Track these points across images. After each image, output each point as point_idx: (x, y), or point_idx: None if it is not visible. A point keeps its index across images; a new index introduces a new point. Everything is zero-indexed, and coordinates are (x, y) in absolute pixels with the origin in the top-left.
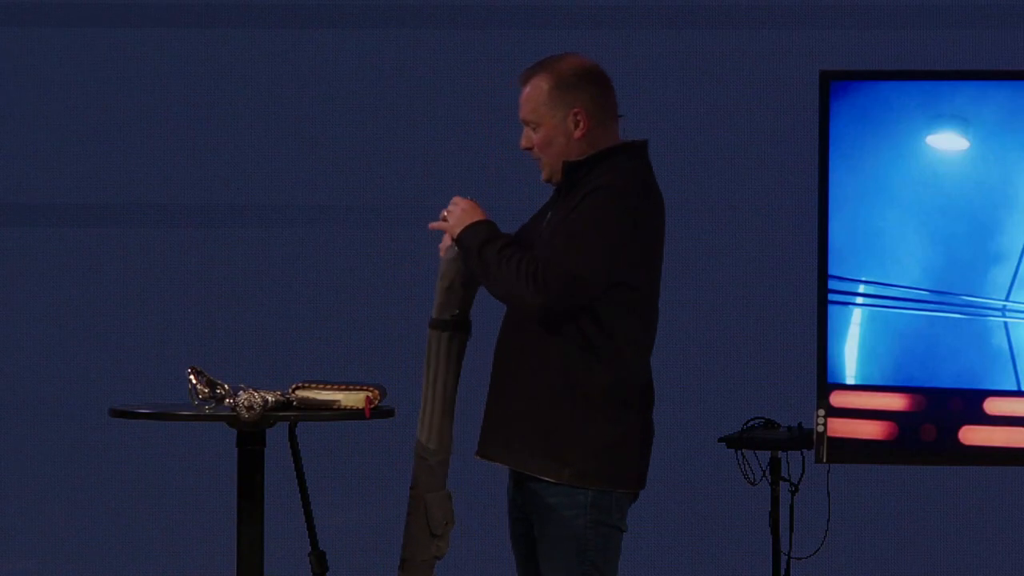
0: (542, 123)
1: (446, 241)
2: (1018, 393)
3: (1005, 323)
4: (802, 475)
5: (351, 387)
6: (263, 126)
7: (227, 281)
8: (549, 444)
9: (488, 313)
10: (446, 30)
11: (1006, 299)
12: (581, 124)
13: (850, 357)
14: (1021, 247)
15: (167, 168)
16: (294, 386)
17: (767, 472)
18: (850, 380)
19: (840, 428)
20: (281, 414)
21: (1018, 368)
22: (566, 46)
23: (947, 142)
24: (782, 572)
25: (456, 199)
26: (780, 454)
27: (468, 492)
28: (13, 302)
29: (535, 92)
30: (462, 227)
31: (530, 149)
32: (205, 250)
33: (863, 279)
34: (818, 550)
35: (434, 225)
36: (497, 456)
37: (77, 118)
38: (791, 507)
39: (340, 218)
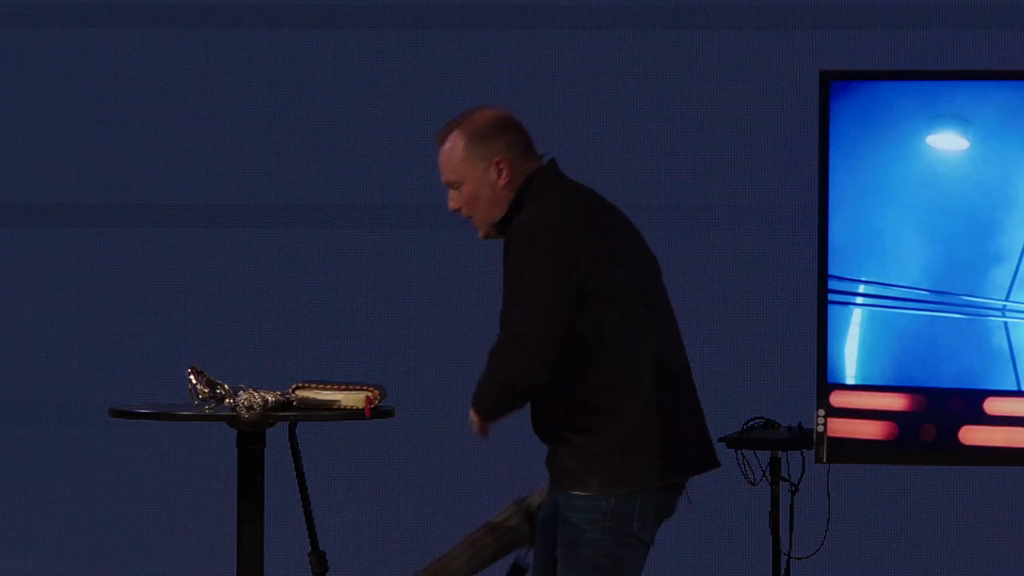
0: (465, 180)
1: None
2: (1018, 393)
3: (1005, 323)
4: (802, 475)
5: (351, 387)
6: (263, 126)
7: (227, 281)
8: (575, 463)
9: None
10: (446, 30)
11: (1006, 299)
12: (504, 172)
13: (850, 357)
14: (1021, 247)
15: (167, 168)
16: (294, 386)
17: (767, 472)
18: (850, 380)
19: (840, 428)
20: (281, 414)
21: (1018, 368)
22: (566, 46)
23: (947, 142)
24: (782, 572)
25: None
26: (780, 454)
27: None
28: (13, 302)
29: (452, 151)
30: (473, 409)
31: (459, 210)
32: (205, 250)
33: (863, 279)
34: (818, 550)
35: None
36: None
37: (77, 118)
38: (791, 507)
39: (340, 218)
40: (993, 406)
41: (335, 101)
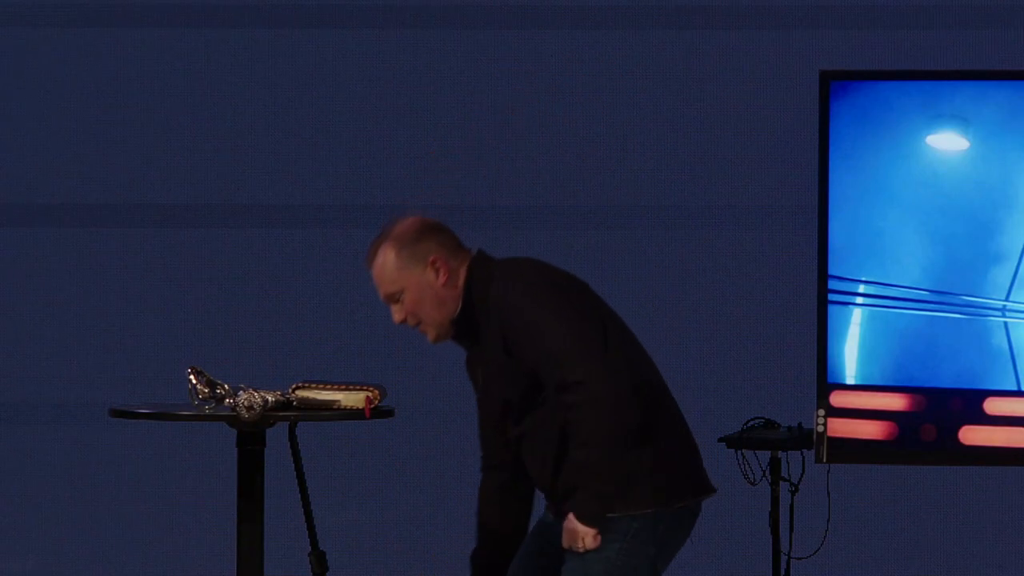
0: (405, 287)
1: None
2: (1018, 393)
3: (1005, 323)
4: (802, 475)
5: (351, 387)
6: (263, 126)
7: (227, 281)
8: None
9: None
10: (446, 30)
11: (1006, 299)
12: (441, 271)
13: (850, 357)
14: (1021, 247)
15: (167, 168)
16: (294, 386)
17: (767, 472)
18: (850, 380)
19: (840, 428)
20: (281, 414)
21: (1018, 368)
22: (566, 46)
23: (947, 142)
24: (782, 572)
25: (570, 536)
26: (780, 454)
27: None
28: (13, 302)
29: (386, 263)
30: (589, 522)
31: (405, 321)
32: (205, 250)
33: (863, 279)
34: (818, 550)
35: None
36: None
37: (77, 118)
38: (791, 507)
39: (340, 218)
40: (993, 406)
41: (335, 101)
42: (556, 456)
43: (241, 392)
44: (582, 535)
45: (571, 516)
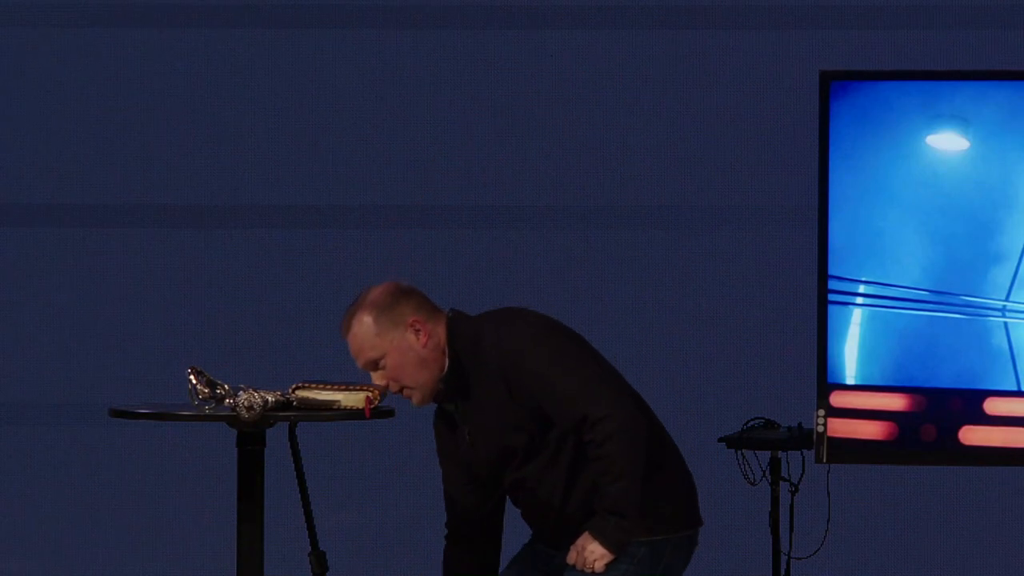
0: (386, 351)
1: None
2: (1018, 393)
3: (1005, 323)
4: (802, 475)
5: (351, 387)
6: (263, 126)
7: (227, 281)
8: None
9: None
10: (446, 30)
11: (1006, 299)
12: (421, 332)
13: (850, 357)
14: (1021, 247)
15: (167, 168)
16: (294, 386)
17: (767, 472)
18: (850, 380)
19: (840, 428)
20: (281, 414)
21: (1018, 368)
22: (566, 46)
23: (947, 142)
24: (782, 572)
25: (580, 552)
26: (780, 454)
27: None
28: (13, 302)
29: (364, 331)
30: (611, 548)
31: (387, 387)
32: (205, 250)
33: (863, 279)
34: (818, 550)
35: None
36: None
37: (77, 118)
38: (791, 507)
39: (340, 219)
40: (993, 406)
41: (335, 101)
42: (563, 498)
43: (241, 392)
44: (597, 557)
45: (589, 535)
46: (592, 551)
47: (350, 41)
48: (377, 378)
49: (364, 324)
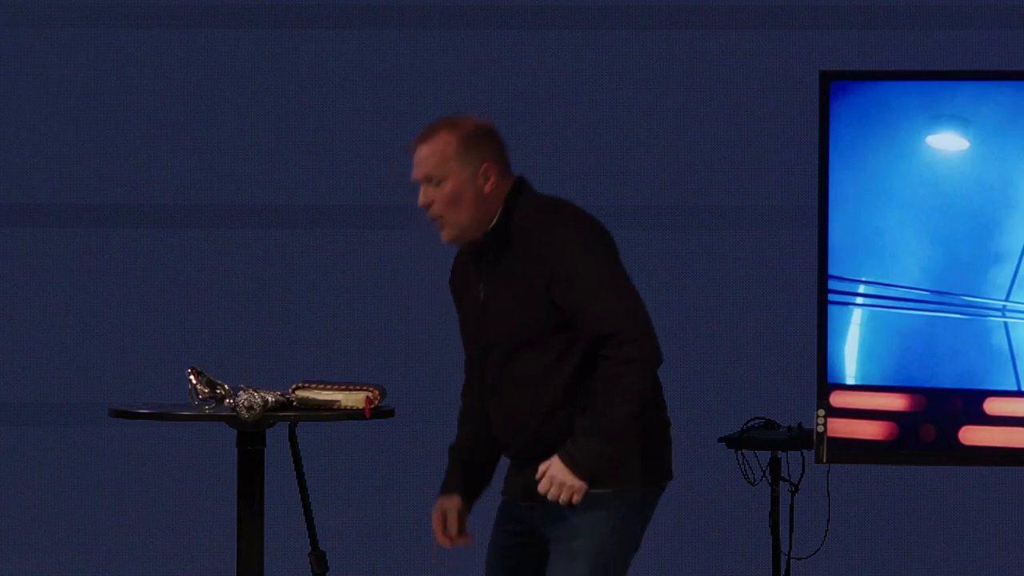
0: (448, 178)
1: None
2: (1018, 393)
3: (1005, 323)
4: (802, 475)
5: (351, 387)
6: (263, 126)
7: (227, 281)
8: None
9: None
10: (446, 30)
11: (1006, 299)
12: (490, 179)
13: (850, 357)
14: (1021, 247)
15: (167, 168)
16: (294, 386)
17: (767, 472)
18: (850, 380)
19: (840, 428)
20: (281, 414)
21: (1018, 368)
22: (566, 46)
23: (947, 142)
24: (782, 572)
25: (553, 482)
26: (780, 454)
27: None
28: (13, 302)
29: (441, 147)
30: (577, 476)
31: (428, 206)
32: (205, 250)
33: (863, 279)
34: (818, 550)
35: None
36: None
37: (77, 118)
38: (791, 507)
39: (340, 219)
40: (993, 406)
41: (335, 101)
42: (546, 411)
43: (241, 392)
44: (570, 487)
45: (559, 460)
46: (561, 481)
47: (350, 41)
48: (423, 195)
49: (443, 141)
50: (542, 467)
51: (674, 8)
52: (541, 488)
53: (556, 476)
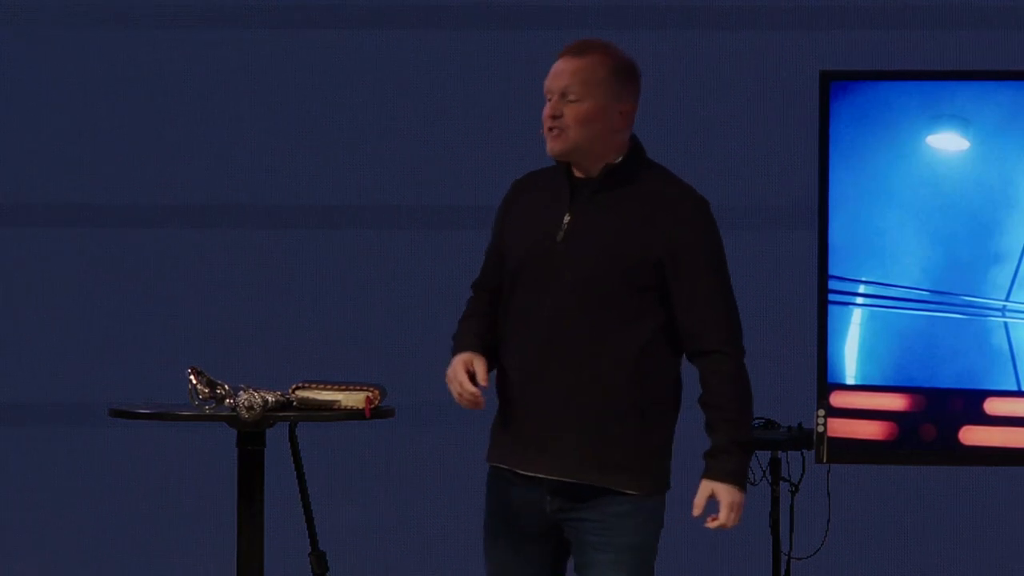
0: (589, 99)
1: None
2: (1018, 393)
3: (1005, 323)
4: (802, 475)
5: (351, 387)
6: (264, 126)
7: (227, 281)
8: (622, 454)
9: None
10: (446, 30)
11: (1006, 299)
12: (625, 120)
13: (850, 357)
14: (1021, 247)
15: (167, 168)
16: (294, 386)
17: (767, 472)
18: (850, 380)
19: (840, 428)
20: (281, 414)
21: (1018, 368)
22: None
23: (947, 142)
24: (782, 572)
25: (733, 508)
26: (780, 454)
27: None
28: (13, 302)
29: (595, 67)
30: (737, 493)
31: (557, 117)
32: (205, 250)
33: (863, 279)
34: (818, 550)
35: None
36: (566, 472)
37: (77, 118)
38: (791, 507)
39: (340, 218)
40: (993, 406)
41: (335, 101)
42: (609, 383)
43: (241, 392)
44: (740, 505)
45: (725, 484)
46: (737, 503)
47: (350, 41)
48: (552, 105)
49: (597, 64)
50: (703, 494)
51: (673, 8)
52: (725, 521)
53: (735, 502)
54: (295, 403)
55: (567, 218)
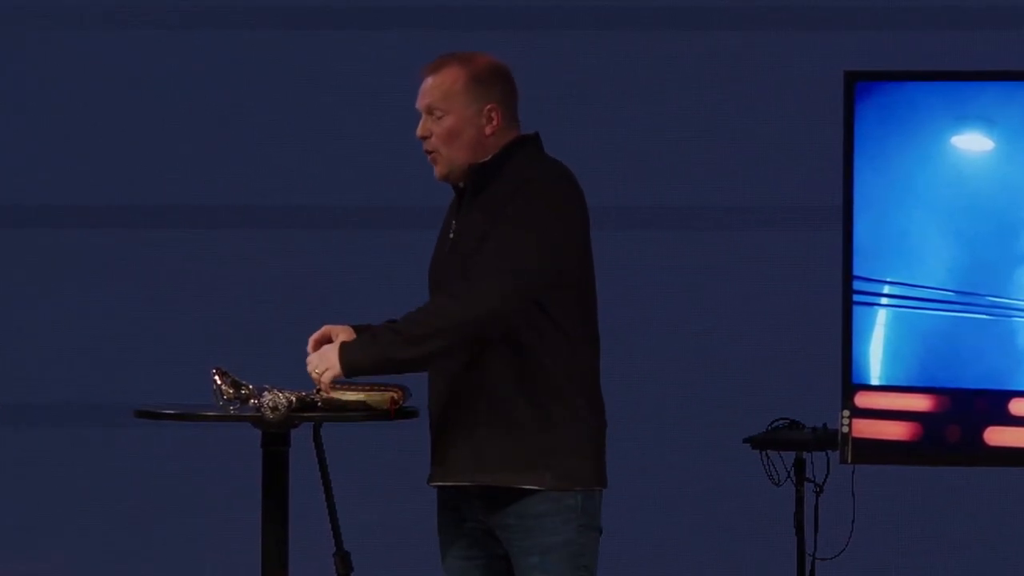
0: (451, 112)
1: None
2: None
3: None
4: (827, 476)
5: (376, 388)
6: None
7: (252, 282)
8: (523, 452)
9: None
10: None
11: None
12: (494, 121)
13: (875, 358)
14: None
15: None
16: (318, 387)
17: (792, 473)
18: (875, 381)
19: (865, 429)
20: (306, 415)
21: None
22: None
23: (972, 143)
24: (807, 573)
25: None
26: (805, 455)
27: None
28: (40, 303)
29: (449, 80)
30: (342, 361)
31: (427, 138)
32: (231, 251)
33: (888, 280)
34: (843, 551)
35: (323, 385)
36: (465, 476)
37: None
38: (816, 508)
39: (366, 219)
40: (1018, 407)
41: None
42: (481, 380)
43: (266, 393)
44: (328, 367)
45: (343, 345)
46: (325, 359)
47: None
48: (422, 126)
49: (452, 76)
50: (323, 333)
51: (699, 9)
52: (308, 361)
53: (328, 358)
54: (320, 404)
55: (452, 228)
